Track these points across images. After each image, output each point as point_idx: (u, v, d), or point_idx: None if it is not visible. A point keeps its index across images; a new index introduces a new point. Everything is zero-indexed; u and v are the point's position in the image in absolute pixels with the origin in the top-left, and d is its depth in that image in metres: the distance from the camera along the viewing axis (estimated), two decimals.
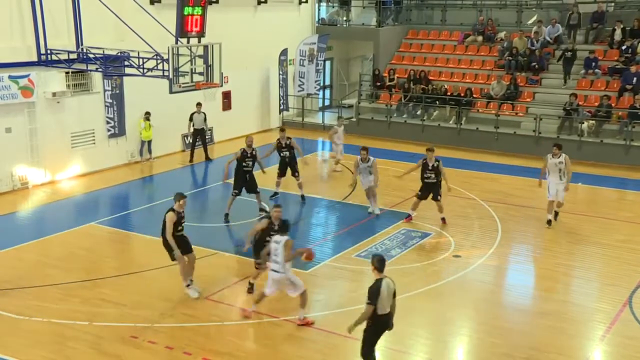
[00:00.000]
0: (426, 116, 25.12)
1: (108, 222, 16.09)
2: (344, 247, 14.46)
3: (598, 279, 13.33)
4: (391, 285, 9.04)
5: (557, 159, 15.44)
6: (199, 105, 21.86)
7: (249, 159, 15.86)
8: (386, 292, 8.91)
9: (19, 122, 18.10)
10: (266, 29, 25.45)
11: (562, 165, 15.42)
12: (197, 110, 21.82)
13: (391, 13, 29.55)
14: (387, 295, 8.96)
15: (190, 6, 15.90)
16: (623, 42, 24.09)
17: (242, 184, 15.99)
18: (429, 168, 15.54)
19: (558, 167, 15.43)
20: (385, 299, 8.94)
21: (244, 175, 15.93)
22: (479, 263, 13.74)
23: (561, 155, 15.44)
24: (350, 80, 30.99)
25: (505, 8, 28.15)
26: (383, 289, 8.87)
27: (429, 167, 15.55)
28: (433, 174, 15.54)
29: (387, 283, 8.98)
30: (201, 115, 21.85)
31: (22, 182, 18.39)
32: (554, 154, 15.48)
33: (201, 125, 21.87)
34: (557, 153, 15.46)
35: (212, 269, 13.39)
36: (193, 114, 21.80)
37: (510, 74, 25.09)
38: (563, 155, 15.46)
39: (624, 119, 21.99)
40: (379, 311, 8.94)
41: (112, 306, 11.68)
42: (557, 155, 15.45)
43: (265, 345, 10.59)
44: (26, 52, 17.84)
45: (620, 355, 10.44)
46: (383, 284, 8.90)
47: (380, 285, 8.88)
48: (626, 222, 16.37)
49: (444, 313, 11.61)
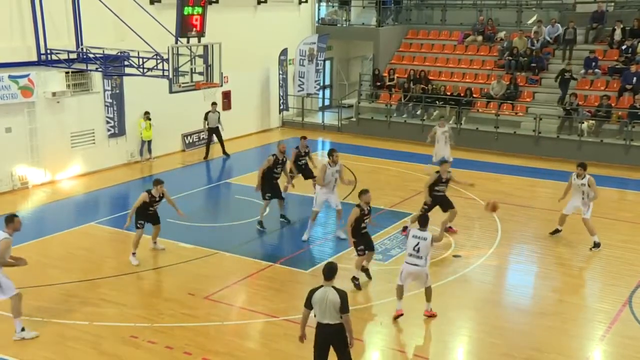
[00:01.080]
0: (426, 116, 25.12)
1: (108, 222, 16.09)
2: (344, 247, 14.45)
3: (598, 279, 13.33)
4: (332, 297, 8.37)
5: (581, 180, 14.26)
6: (214, 105, 22.24)
7: (280, 166, 15.61)
8: (320, 301, 8.41)
9: (19, 122, 18.10)
10: (266, 28, 25.45)
11: (586, 188, 14.21)
12: (212, 109, 22.17)
13: (391, 13, 29.56)
14: (322, 305, 8.42)
15: (190, 6, 15.91)
16: (623, 42, 24.09)
17: (272, 189, 15.71)
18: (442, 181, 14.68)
19: (581, 189, 14.28)
20: (319, 308, 8.46)
21: (272, 180, 15.64)
22: (479, 263, 13.74)
23: (585, 176, 14.24)
24: (350, 80, 30.98)
25: (505, 8, 28.16)
26: (316, 296, 8.46)
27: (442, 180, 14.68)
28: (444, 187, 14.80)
29: (326, 293, 8.41)
30: (216, 114, 22.22)
31: (22, 182, 18.39)
32: (578, 174, 14.28)
33: (215, 124, 22.23)
34: (581, 174, 14.25)
35: (212, 269, 13.40)
36: (208, 113, 22.16)
37: (510, 73, 25.09)
38: (587, 176, 14.25)
39: (623, 119, 21.99)
40: (317, 318, 8.56)
41: (112, 306, 11.68)
42: (581, 177, 14.27)
43: (264, 345, 10.59)
44: (26, 52, 17.83)
45: (620, 355, 10.44)
46: (319, 292, 8.47)
47: (315, 291, 8.52)
48: (626, 222, 16.37)
49: (444, 313, 11.61)
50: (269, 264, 13.54)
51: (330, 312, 8.44)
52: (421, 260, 10.98)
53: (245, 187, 18.98)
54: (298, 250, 14.38)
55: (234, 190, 18.99)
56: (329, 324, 8.51)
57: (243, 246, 14.51)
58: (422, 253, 10.94)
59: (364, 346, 10.65)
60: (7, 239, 10.22)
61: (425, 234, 10.95)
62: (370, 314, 11.66)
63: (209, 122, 22.19)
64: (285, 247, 14.65)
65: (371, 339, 10.88)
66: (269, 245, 14.68)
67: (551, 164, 21.60)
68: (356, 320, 11.33)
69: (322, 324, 8.54)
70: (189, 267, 13.46)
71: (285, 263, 13.63)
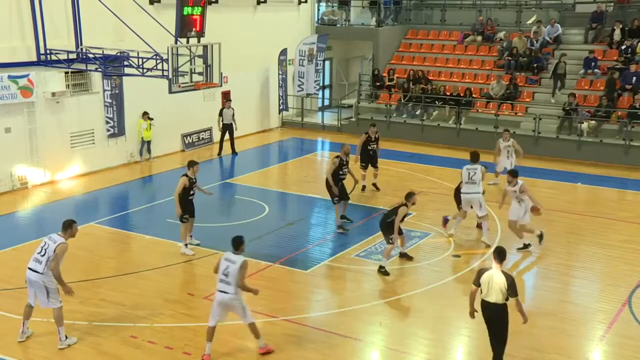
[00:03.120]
0: (426, 116, 25.12)
1: (107, 222, 16.08)
2: (343, 247, 14.45)
3: (598, 279, 13.33)
4: (498, 279, 9.27)
5: (513, 187, 13.93)
6: (229, 102, 22.49)
7: (345, 167, 15.60)
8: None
9: (19, 122, 18.09)
10: (266, 29, 25.44)
11: (519, 194, 13.91)
12: (226, 105, 22.36)
13: (390, 13, 29.57)
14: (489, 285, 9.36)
15: (190, 6, 15.90)
16: (622, 42, 24.11)
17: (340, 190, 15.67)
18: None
19: (514, 195, 14.00)
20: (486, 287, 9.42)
21: (339, 182, 15.61)
22: (479, 263, 13.73)
23: (517, 182, 13.87)
24: (350, 80, 30.99)
25: (504, 8, 28.17)
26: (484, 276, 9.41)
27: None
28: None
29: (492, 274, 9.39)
30: (230, 110, 22.40)
31: (21, 182, 18.39)
32: (509, 181, 13.98)
33: (230, 121, 22.41)
34: (511, 181, 13.93)
35: (212, 269, 13.36)
36: (222, 110, 22.38)
37: (509, 73, 25.10)
38: (520, 182, 13.89)
39: (623, 119, 22.00)
40: (482, 296, 9.50)
41: (112, 306, 11.68)
42: (512, 183, 13.93)
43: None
44: (26, 52, 17.83)
45: (619, 355, 10.44)
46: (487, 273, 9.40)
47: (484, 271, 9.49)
48: (626, 222, 16.38)
49: (444, 313, 11.61)
50: (268, 264, 13.54)
51: (496, 292, 9.21)
52: (230, 287, 9.62)
53: (245, 187, 19.02)
54: (298, 250, 14.38)
55: (234, 190, 18.99)
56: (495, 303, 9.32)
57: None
58: (231, 279, 9.62)
59: (364, 346, 10.66)
60: (64, 244, 9.94)
61: (235, 258, 9.70)
62: (370, 314, 11.65)
63: (224, 118, 22.34)
64: (285, 247, 14.65)
65: (371, 339, 10.88)
66: (268, 245, 14.68)
67: (551, 164, 21.61)
68: (356, 320, 11.39)
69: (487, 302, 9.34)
70: (189, 267, 13.46)
71: (285, 263, 13.63)
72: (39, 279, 9.94)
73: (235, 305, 9.74)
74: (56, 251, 9.84)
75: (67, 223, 10.18)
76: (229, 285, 9.62)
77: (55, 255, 9.82)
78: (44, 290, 9.99)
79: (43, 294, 10.03)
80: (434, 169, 20.98)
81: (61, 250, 9.89)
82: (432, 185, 19.15)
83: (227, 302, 9.73)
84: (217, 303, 9.81)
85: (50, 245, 9.92)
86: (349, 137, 22.82)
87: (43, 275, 9.90)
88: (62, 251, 9.90)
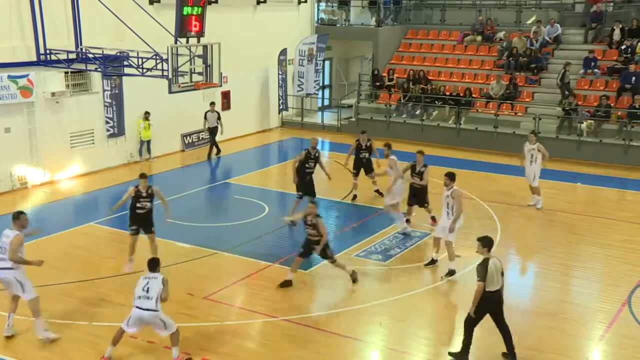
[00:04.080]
0: (425, 116, 25.12)
1: (107, 222, 16.06)
2: (343, 246, 14.44)
3: (598, 279, 13.33)
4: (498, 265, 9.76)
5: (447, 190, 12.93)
6: (212, 104, 22.30)
7: (312, 160, 15.64)
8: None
9: (18, 122, 18.08)
10: (265, 29, 25.44)
11: (450, 200, 12.87)
12: (210, 109, 22.23)
13: (390, 13, 29.56)
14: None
15: (190, 6, 15.88)
16: (622, 42, 24.11)
17: (304, 186, 15.74)
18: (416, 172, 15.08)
19: (446, 200, 12.96)
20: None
21: (305, 176, 15.69)
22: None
23: (452, 188, 12.89)
24: (350, 80, 30.99)
25: (504, 8, 28.16)
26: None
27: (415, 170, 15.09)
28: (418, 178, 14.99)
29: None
30: (214, 114, 22.27)
31: (21, 182, 18.38)
32: (445, 184, 12.98)
33: (214, 124, 22.27)
34: (448, 184, 12.93)
35: (211, 269, 13.40)
36: (207, 113, 22.21)
37: (509, 73, 25.10)
38: (454, 188, 12.89)
39: (623, 119, 22.00)
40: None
41: (112, 306, 11.67)
42: (448, 187, 12.94)
43: (264, 345, 10.58)
44: (25, 52, 17.82)
45: (619, 355, 10.44)
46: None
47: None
48: (626, 222, 16.38)
49: (444, 313, 11.60)
50: (268, 264, 13.53)
51: (498, 277, 9.67)
52: (151, 302, 9.50)
53: (244, 187, 19.01)
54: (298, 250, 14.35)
55: (233, 190, 18.98)
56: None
57: (242, 246, 14.50)
58: (152, 294, 9.50)
59: (364, 346, 10.66)
60: (19, 235, 10.21)
61: (155, 274, 9.67)
62: (370, 314, 11.65)
63: (208, 121, 22.24)
64: (284, 247, 14.63)
65: (371, 339, 10.88)
66: (268, 245, 14.67)
67: (550, 163, 21.52)
68: (356, 320, 11.39)
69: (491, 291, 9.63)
70: (189, 267, 13.45)
71: (284, 263, 13.60)
72: (10, 275, 10.21)
73: (157, 322, 9.68)
74: (13, 243, 10.07)
75: (15, 215, 10.43)
76: (149, 300, 9.51)
77: (12, 246, 10.05)
78: (18, 285, 10.28)
79: (19, 289, 10.31)
80: (433, 169, 20.79)
81: (17, 241, 10.13)
82: (432, 185, 19.08)
83: (149, 318, 9.64)
84: (136, 319, 9.67)
85: (5, 241, 10.16)
86: (349, 137, 22.73)
87: (13, 271, 10.18)
88: (18, 241, 10.14)
